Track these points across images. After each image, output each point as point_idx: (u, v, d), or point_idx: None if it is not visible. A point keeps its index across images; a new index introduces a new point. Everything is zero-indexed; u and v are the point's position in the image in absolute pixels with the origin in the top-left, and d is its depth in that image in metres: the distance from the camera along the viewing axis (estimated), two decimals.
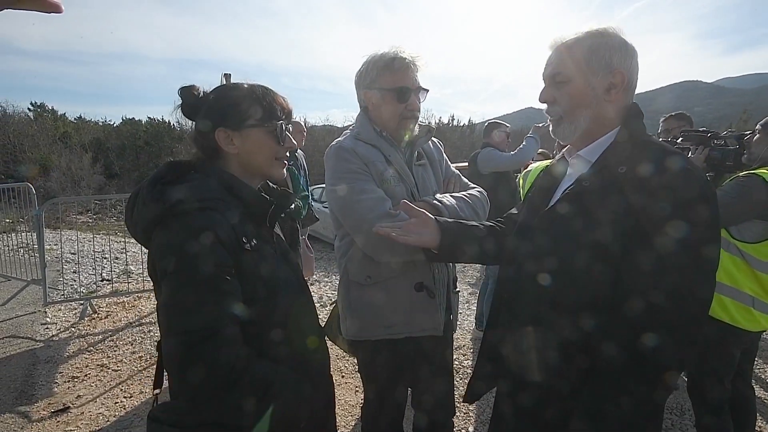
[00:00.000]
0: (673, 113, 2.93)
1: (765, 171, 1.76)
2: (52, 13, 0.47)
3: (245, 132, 1.00)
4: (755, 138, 1.90)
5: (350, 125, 1.62)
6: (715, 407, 1.86)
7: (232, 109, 0.99)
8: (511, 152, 3.34)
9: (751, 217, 1.75)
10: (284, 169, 1.09)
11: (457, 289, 1.67)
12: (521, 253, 1.06)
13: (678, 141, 2.11)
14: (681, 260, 0.83)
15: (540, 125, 3.34)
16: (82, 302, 4.53)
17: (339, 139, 1.53)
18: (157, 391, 1.06)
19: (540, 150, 3.36)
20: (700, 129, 2.13)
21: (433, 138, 1.63)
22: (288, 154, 1.09)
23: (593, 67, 0.95)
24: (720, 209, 1.68)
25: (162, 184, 0.94)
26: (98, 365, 3.30)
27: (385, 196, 1.39)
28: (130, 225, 0.98)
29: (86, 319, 4.25)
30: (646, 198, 0.85)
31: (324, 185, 1.55)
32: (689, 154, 1.97)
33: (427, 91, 1.49)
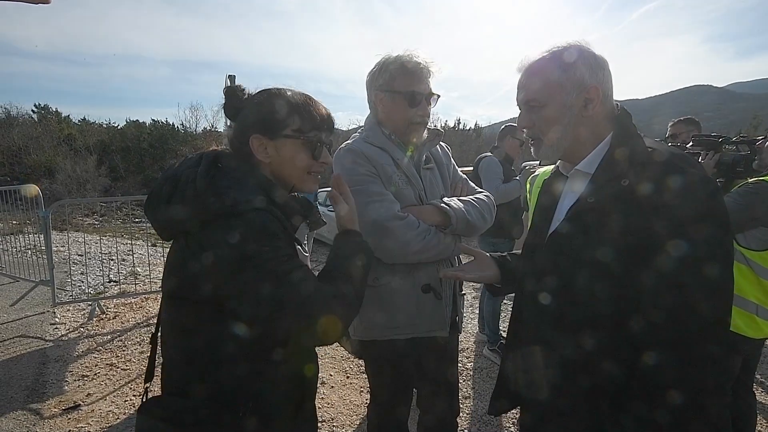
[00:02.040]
0: (681, 118, 2.88)
1: None
2: (39, 4, 0.49)
3: (280, 142, 0.96)
4: (766, 144, 1.87)
5: (356, 128, 1.63)
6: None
7: (269, 117, 0.95)
8: (500, 183, 3.31)
9: (758, 225, 1.73)
10: (316, 185, 1.04)
11: (463, 292, 1.68)
12: (529, 274, 1.05)
13: (688, 146, 2.09)
14: (683, 277, 0.81)
15: (527, 166, 3.38)
16: (90, 303, 4.57)
17: (348, 142, 1.53)
18: (147, 384, 1.03)
19: None
20: (712, 134, 2.09)
21: (441, 142, 1.64)
22: (323, 169, 1.03)
23: (566, 88, 0.93)
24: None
25: (211, 177, 0.89)
26: (107, 364, 3.34)
27: (393, 198, 1.41)
28: (159, 212, 0.91)
29: (95, 319, 4.30)
30: (650, 212, 0.82)
31: (327, 189, 1.57)
32: (699, 159, 1.94)
33: (439, 96, 1.48)
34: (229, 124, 1.03)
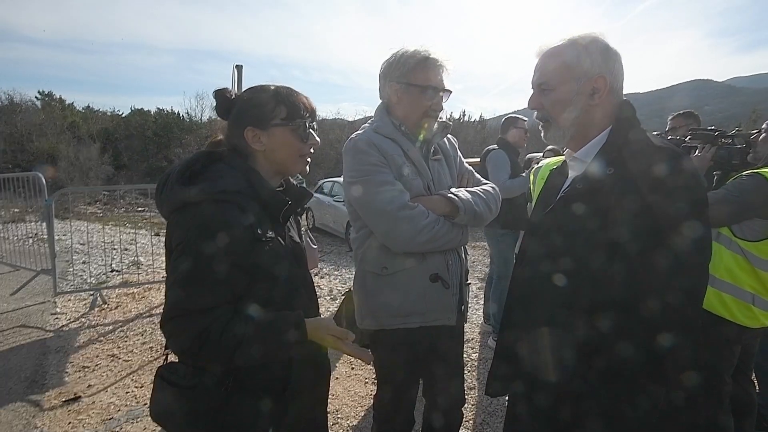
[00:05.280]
0: (681, 111, 2.91)
1: None
2: None
3: (271, 131, 1.07)
4: (761, 137, 1.91)
5: (363, 119, 1.70)
6: (717, 403, 1.85)
7: (259, 110, 1.07)
8: (507, 177, 3.29)
9: (753, 216, 1.76)
10: (306, 165, 1.15)
11: (468, 281, 1.70)
12: (529, 252, 1.10)
13: (686, 139, 2.14)
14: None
15: (535, 161, 3.36)
16: (92, 293, 4.55)
17: (357, 132, 1.54)
18: (167, 351, 1.12)
19: (549, 147, 3.33)
20: (708, 128, 2.15)
21: (448, 134, 1.66)
22: (312, 150, 1.14)
23: (576, 74, 0.98)
24: (723, 207, 1.71)
25: (191, 172, 1.01)
26: (109, 355, 3.31)
27: (403, 188, 1.43)
28: (158, 203, 1.07)
29: (96, 309, 4.26)
30: (630, 199, 0.87)
31: (335, 179, 1.59)
32: (696, 153, 2.01)
33: (451, 92, 1.52)
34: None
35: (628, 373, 0.87)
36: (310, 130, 1.11)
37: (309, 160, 1.14)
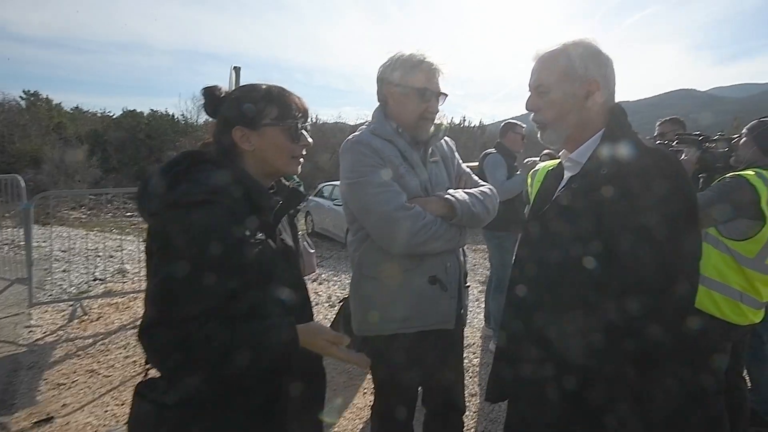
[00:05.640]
0: (668, 118, 3.07)
1: (750, 173, 1.86)
2: None
3: (261, 131, 1.04)
4: (742, 141, 2.03)
5: (363, 123, 1.68)
6: (709, 399, 1.91)
7: (248, 109, 1.04)
8: (505, 179, 3.40)
9: (737, 216, 1.83)
10: (299, 166, 1.11)
11: (468, 284, 1.70)
12: (525, 252, 1.15)
13: (673, 144, 2.24)
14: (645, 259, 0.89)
15: (529, 162, 3.44)
16: (71, 303, 4.34)
17: (355, 133, 1.55)
18: (148, 365, 1.05)
19: (546, 151, 3.38)
20: (694, 133, 2.26)
21: (446, 137, 1.68)
22: (305, 152, 1.11)
23: (570, 77, 1.03)
24: (709, 208, 1.77)
25: (174, 173, 0.97)
26: (87, 371, 3.12)
27: (400, 189, 1.44)
28: (139, 205, 1.03)
29: (76, 321, 4.06)
30: (623, 197, 0.90)
31: (335, 182, 1.51)
32: (683, 156, 2.11)
33: (447, 96, 1.55)
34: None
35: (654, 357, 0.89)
36: (303, 130, 1.09)
37: (301, 161, 1.12)
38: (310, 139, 1.11)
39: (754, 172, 1.86)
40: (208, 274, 0.90)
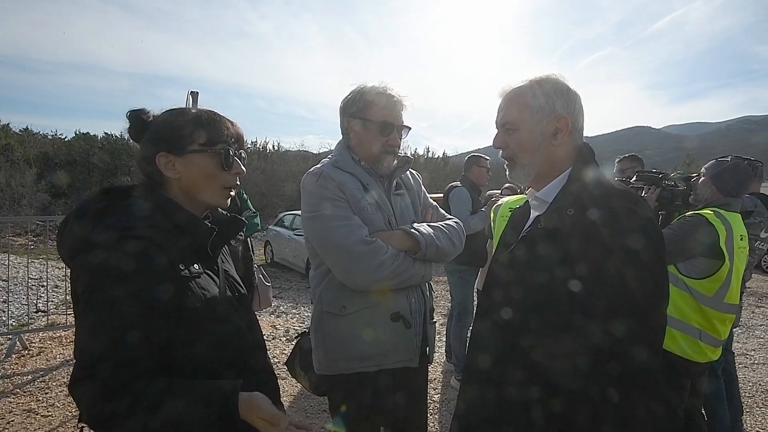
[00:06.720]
0: (626, 155, 3.14)
1: (709, 212, 1.89)
2: None
3: (188, 157, 0.97)
4: (700, 180, 2.06)
5: (327, 151, 1.68)
6: None
7: (174, 134, 0.97)
8: (469, 214, 3.37)
9: (696, 255, 1.86)
10: (228, 199, 1.04)
11: (434, 320, 1.66)
12: (493, 292, 1.10)
13: (632, 181, 2.27)
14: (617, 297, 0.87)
15: (490, 196, 3.51)
16: (10, 336, 4.03)
17: (317, 166, 1.53)
18: (82, 424, 0.95)
19: (507, 185, 3.44)
20: (653, 170, 2.30)
21: (411, 169, 1.68)
22: (238, 181, 1.04)
23: (538, 115, 1.01)
24: (669, 246, 1.64)
25: (93, 213, 0.92)
26: (24, 410, 2.91)
27: (361, 223, 1.40)
28: (58, 247, 0.97)
29: (14, 356, 3.78)
30: (589, 239, 0.89)
31: (295, 212, 1.55)
32: (642, 194, 2.10)
33: (410, 128, 1.54)
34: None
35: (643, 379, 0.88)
36: (236, 158, 1.01)
37: (233, 193, 1.04)
38: (243, 168, 1.03)
39: (712, 212, 1.88)
40: (132, 317, 0.83)
